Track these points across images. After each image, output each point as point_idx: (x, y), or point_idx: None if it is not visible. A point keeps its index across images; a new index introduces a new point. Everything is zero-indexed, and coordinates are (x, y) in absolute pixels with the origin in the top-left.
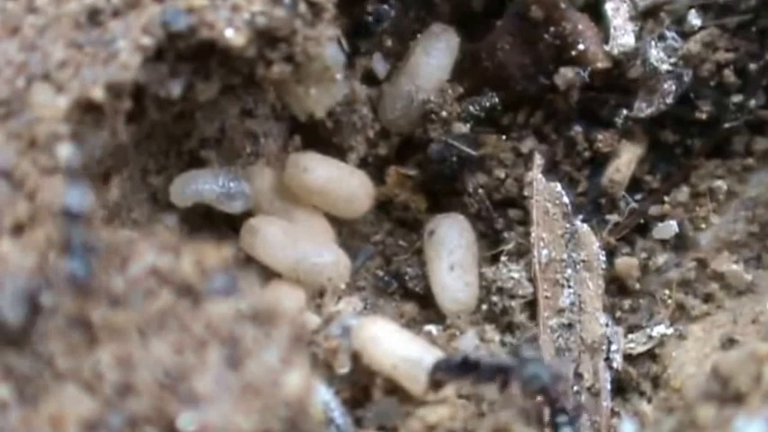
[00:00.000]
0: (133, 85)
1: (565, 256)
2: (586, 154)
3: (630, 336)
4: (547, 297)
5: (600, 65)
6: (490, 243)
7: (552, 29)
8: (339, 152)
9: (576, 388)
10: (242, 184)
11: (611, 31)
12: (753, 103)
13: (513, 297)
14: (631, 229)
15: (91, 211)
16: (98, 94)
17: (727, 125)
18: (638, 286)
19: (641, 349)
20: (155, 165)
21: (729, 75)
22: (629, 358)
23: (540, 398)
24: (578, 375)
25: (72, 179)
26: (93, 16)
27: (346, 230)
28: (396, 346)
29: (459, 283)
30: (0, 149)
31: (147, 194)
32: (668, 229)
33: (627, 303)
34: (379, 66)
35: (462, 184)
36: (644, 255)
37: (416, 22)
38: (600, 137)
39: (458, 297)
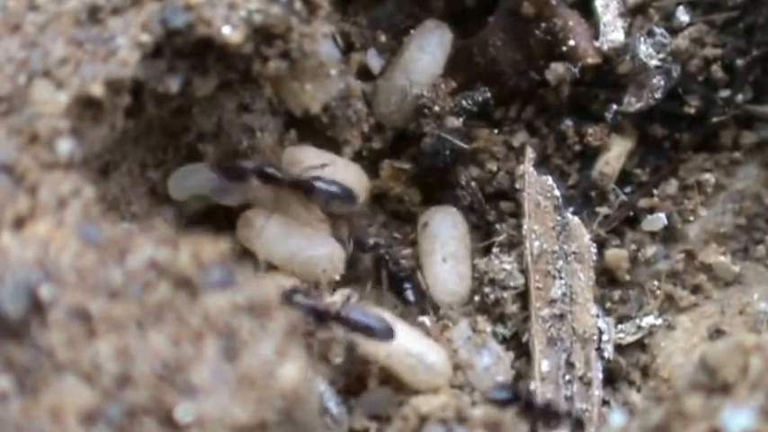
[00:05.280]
0: (132, 81)
1: (556, 247)
2: (577, 148)
3: (620, 326)
4: (539, 288)
5: (590, 60)
6: (483, 235)
7: (543, 25)
8: (334, 146)
9: (567, 377)
10: None
11: (601, 27)
12: (740, 97)
13: (505, 288)
14: (621, 222)
15: None
16: (98, 90)
17: (714, 119)
18: (627, 277)
19: (631, 339)
20: (153, 159)
21: (717, 70)
22: (618, 348)
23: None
24: (570, 365)
25: None
26: (93, 14)
27: (341, 223)
28: None
29: (453, 274)
30: (1, 145)
31: (145, 188)
32: (657, 221)
33: (617, 294)
34: (374, 61)
35: (455, 177)
36: (633, 247)
37: (410, 18)
38: (590, 131)
39: (451, 288)
